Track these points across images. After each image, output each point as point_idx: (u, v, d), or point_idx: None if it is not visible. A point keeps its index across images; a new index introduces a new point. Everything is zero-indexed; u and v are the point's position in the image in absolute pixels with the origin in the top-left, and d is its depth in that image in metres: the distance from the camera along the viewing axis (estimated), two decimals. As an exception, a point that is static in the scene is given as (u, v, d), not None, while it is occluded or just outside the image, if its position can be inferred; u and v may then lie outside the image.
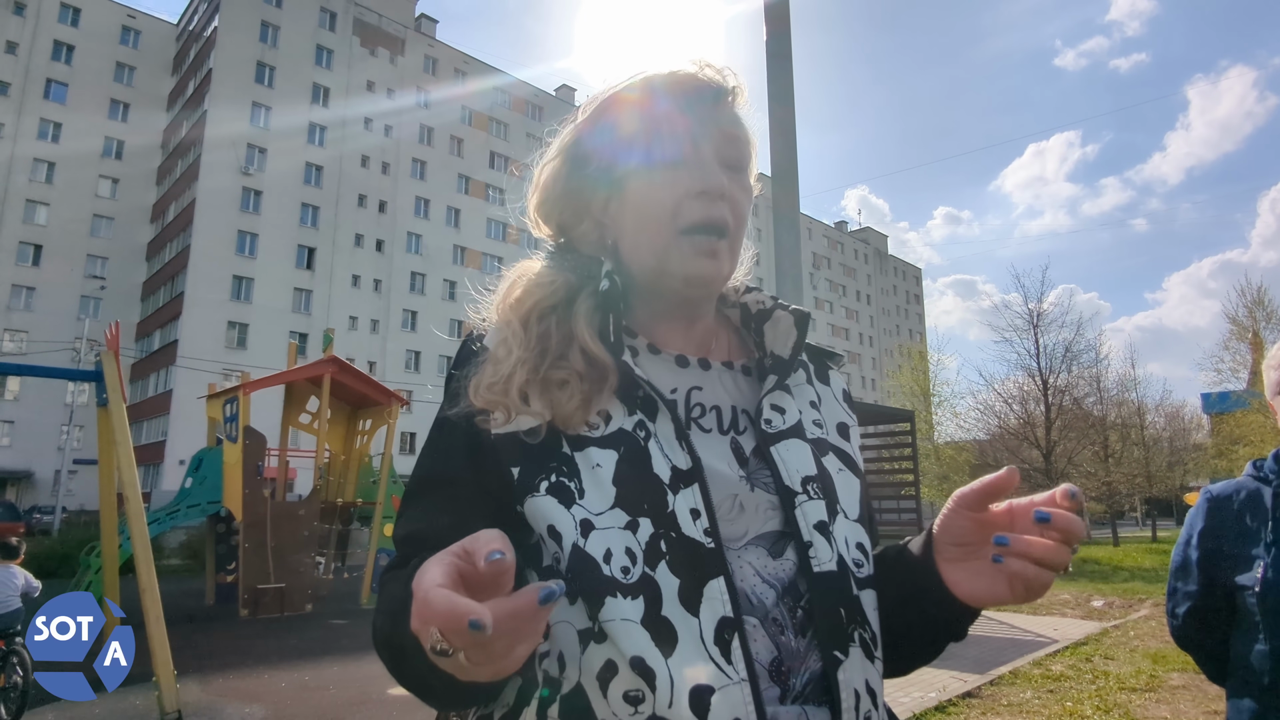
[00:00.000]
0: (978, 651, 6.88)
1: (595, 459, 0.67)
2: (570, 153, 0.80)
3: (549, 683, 0.63)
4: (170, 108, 45.89)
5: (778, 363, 0.79)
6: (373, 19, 47.67)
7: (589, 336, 0.72)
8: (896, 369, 35.65)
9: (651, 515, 0.65)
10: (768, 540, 0.69)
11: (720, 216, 0.74)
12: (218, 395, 11.29)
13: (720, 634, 0.61)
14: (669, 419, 0.70)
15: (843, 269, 74.92)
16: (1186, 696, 5.32)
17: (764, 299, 0.84)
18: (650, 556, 0.63)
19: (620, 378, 0.71)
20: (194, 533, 15.75)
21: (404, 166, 46.84)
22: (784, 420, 0.76)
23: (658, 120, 0.75)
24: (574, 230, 0.82)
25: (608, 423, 0.69)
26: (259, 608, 9.58)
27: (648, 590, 0.62)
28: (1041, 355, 20.85)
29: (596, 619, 0.62)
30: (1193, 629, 1.48)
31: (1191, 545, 1.45)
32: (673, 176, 0.74)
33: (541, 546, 0.68)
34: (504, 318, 0.76)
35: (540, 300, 0.75)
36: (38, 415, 38.95)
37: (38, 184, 41.17)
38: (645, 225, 0.75)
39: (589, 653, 0.62)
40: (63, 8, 43.00)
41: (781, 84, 3.39)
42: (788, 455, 0.73)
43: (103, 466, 6.20)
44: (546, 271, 0.79)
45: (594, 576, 0.62)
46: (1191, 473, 32.51)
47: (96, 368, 5.93)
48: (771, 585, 0.67)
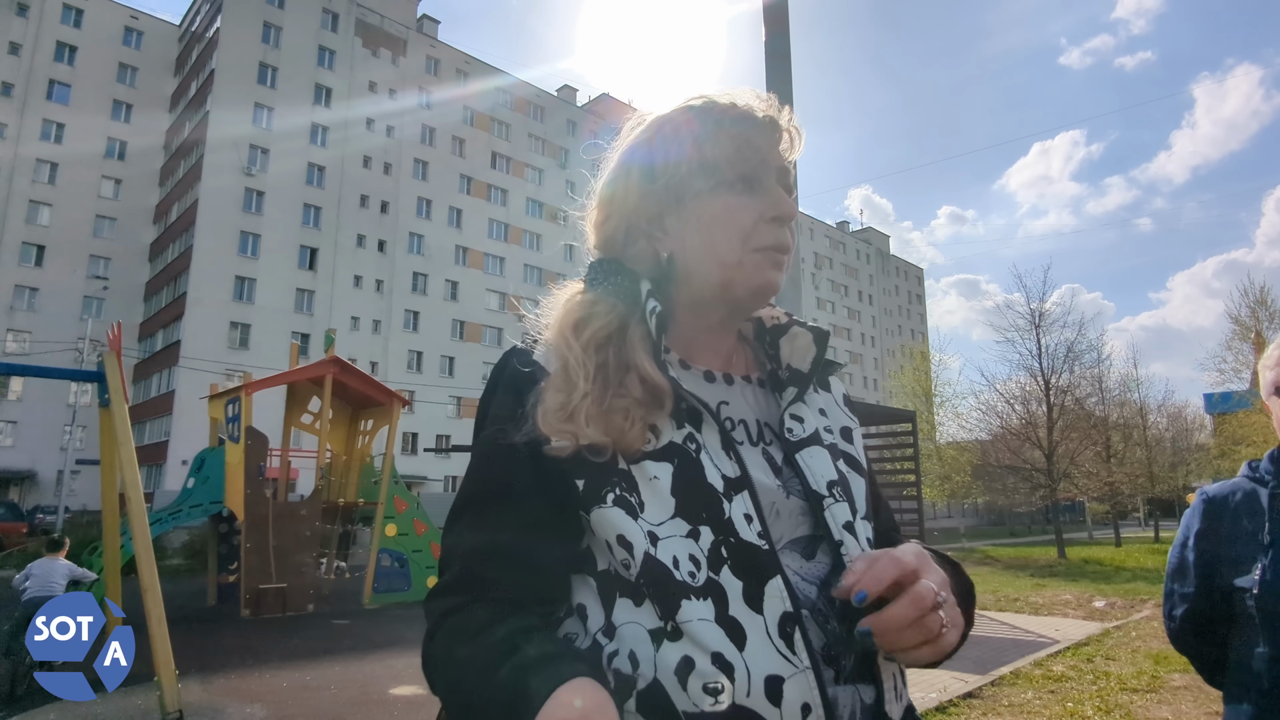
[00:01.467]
0: (979, 652, 6.87)
1: (651, 472, 0.71)
2: (637, 168, 0.82)
3: (622, 681, 0.66)
4: (173, 108, 45.96)
5: (795, 376, 0.84)
6: (375, 20, 47.71)
7: (648, 364, 0.74)
8: (898, 369, 35.64)
9: (710, 523, 0.69)
10: (800, 544, 0.73)
11: (788, 242, 0.79)
12: (220, 395, 11.31)
13: (784, 628, 0.66)
14: (715, 430, 0.74)
15: (845, 269, 74.87)
16: (1188, 697, 5.31)
17: (779, 314, 0.89)
18: (713, 562, 0.68)
19: (674, 398, 0.74)
20: (196, 533, 15.78)
21: (406, 167, 46.87)
22: (804, 429, 0.80)
23: (734, 143, 0.78)
24: (628, 248, 0.83)
25: (658, 437, 0.73)
26: (261, 608, 9.59)
27: (715, 592, 0.67)
28: (1044, 355, 20.79)
29: (674, 619, 0.66)
30: (1190, 632, 1.47)
31: (1188, 547, 1.45)
32: (750, 201, 0.78)
33: (594, 551, 0.72)
34: (564, 341, 0.77)
35: (597, 330, 0.77)
36: (41, 415, 39.02)
37: (41, 185, 41.25)
38: (717, 242, 0.78)
39: (663, 650, 0.66)
40: (65, 9, 43.08)
41: (781, 84, 3.39)
42: (812, 462, 0.78)
43: (105, 466, 6.22)
44: (599, 298, 0.80)
45: (668, 582, 0.67)
46: (1194, 473, 32.45)
47: (99, 368, 5.95)
48: (813, 583, 0.71)
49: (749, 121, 0.79)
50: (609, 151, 0.85)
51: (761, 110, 0.80)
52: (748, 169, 0.78)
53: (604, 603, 0.70)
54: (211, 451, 11.21)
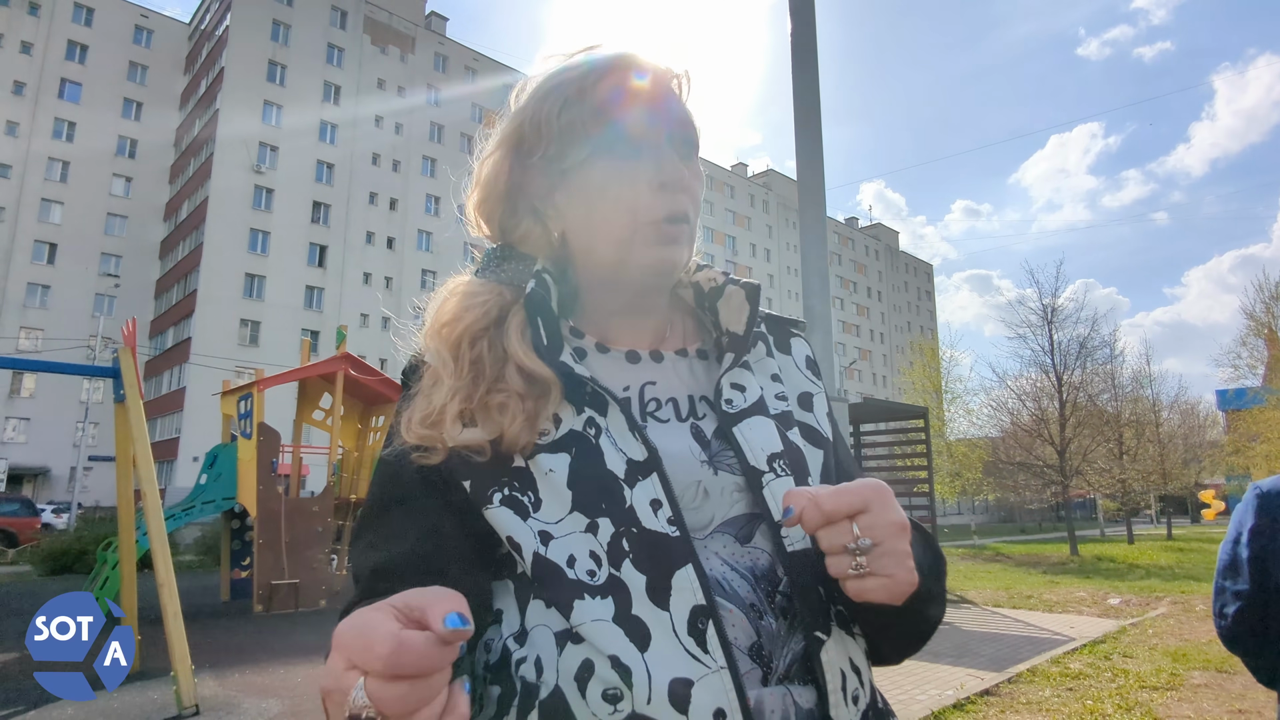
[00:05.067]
0: (994, 650, 6.83)
1: (547, 465, 0.65)
2: (512, 143, 0.74)
3: (527, 689, 0.61)
4: (183, 106, 46.18)
5: (734, 340, 0.75)
6: (383, 17, 47.79)
7: (523, 352, 0.68)
8: (908, 366, 35.51)
9: (610, 514, 0.62)
10: (735, 525, 0.66)
11: (683, 209, 0.71)
12: (232, 392, 11.35)
13: (694, 623, 0.59)
14: (620, 412, 0.67)
15: (853, 265, 74.66)
16: (1209, 695, 5.25)
17: (715, 275, 0.79)
18: (614, 557, 0.61)
19: (564, 382, 0.67)
20: (209, 529, 15.84)
21: (414, 164, 46.98)
22: (745, 398, 0.72)
23: (610, 106, 0.70)
24: (515, 229, 0.77)
25: (558, 426, 0.67)
26: (273, 603, 9.62)
27: (616, 591, 0.60)
28: (1056, 351, 20.64)
29: (569, 622, 0.61)
30: (1243, 630, 1.43)
31: (1241, 543, 1.41)
32: (632, 166, 0.70)
33: (515, 555, 0.66)
34: (433, 346, 0.72)
35: (471, 324, 0.71)
36: (53, 412, 39.35)
37: (53, 183, 41.55)
38: (601, 217, 0.71)
39: (566, 654, 0.61)
40: (76, 8, 43.34)
41: (807, 77, 3.33)
42: (751, 434, 0.70)
43: (120, 462, 6.23)
44: (479, 288, 0.74)
45: (559, 581, 0.61)
46: (1207, 470, 32.23)
47: (113, 364, 5.95)
48: (741, 573, 0.64)
49: (627, 75, 0.71)
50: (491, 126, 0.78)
51: (643, 61, 0.72)
52: (629, 130, 0.70)
53: (519, 606, 0.65)
54: (224, 448, 11.24)
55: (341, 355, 11.28)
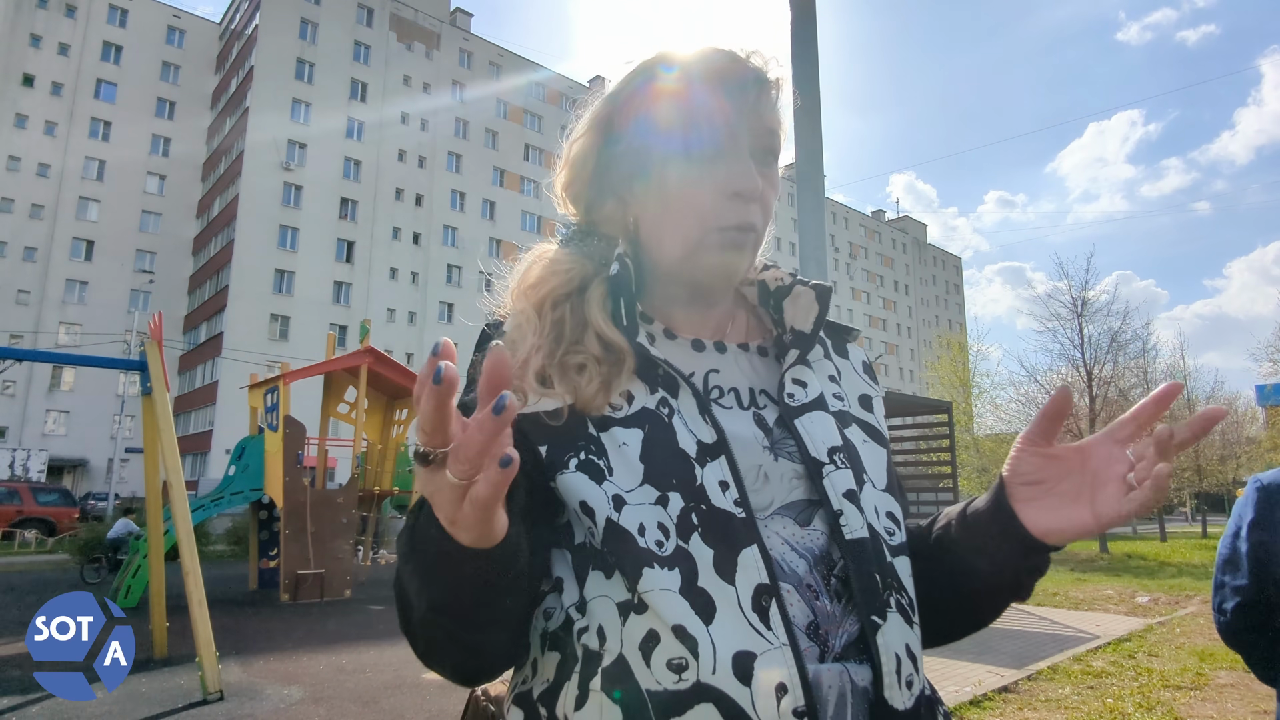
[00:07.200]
0: (1016, 646, 6.74)
1: (620, 438, 0.67)
2: (601, 127, 0.77)
3: (589, 657, 0.63)
4: (214, 105, 46.98)
5: (799, 338, 0.78)
6: (409, 14, 48.14)
7: (602, 321, 0.71)
8: (935, 360, 35.07)
9: (680, 489, 0.65)
10: (794, 510, 0.69)
11: (751, 220, 0.72)
12: (259, 385, 11.55)
13: (758, 600, 0.62)
14: (691, 395, 0.70)
15: (880, 258, 73.78)
16: (1234, 695, 5.14)
17: (782, 275, 0.83)
18: (683, 530, 0.64)
19: (638, 359, 0.70)
20: (238, 519, 16.16)
21: (440, 160, 47.31)
22: (806, 394, 0.75)
23: (696, 106, 0.72)
24: (598, 210, 0.80)
25: (630, 403, 0.69)
26: (299, 592, 9.80)
27: (683, 562, 0.62)
28: (1086, 345, 20.23)
29: (636, 590, 0.62)
30: (1241, 625, 1.40)
31: (1240, 537, 1.38)
32: (709, 171, 0.71)
33: (572, 525, 0.68)
34: (518, 304, 0.75)
35: (555, 287, 0.74)
36: (92, 405, 40.39)
37: (90, 181, 42.56)
38: (673, 215, 0.73)
39: (630, 624, 0.63)
40: (111, 9, 44.26)
41: (807, 69, 3.30)
42: (812, 427, 0.72)
43: (148, 453, 6.38)
44: (563, 257, 0.78)
45: (630, 548, 0.63)
46: (1244, 467, 31.34)
47: (141, 357, 6.10)
48: (801, 554, 0.67)
49: (725, 78, 0.72)
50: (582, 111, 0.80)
51: (733, 65, 0.72)
52: (714, 134, 0.71)
53: (578, 577, 0.67)
54: (251, 440, 11.45)
55: (366, 349, 11.42)
